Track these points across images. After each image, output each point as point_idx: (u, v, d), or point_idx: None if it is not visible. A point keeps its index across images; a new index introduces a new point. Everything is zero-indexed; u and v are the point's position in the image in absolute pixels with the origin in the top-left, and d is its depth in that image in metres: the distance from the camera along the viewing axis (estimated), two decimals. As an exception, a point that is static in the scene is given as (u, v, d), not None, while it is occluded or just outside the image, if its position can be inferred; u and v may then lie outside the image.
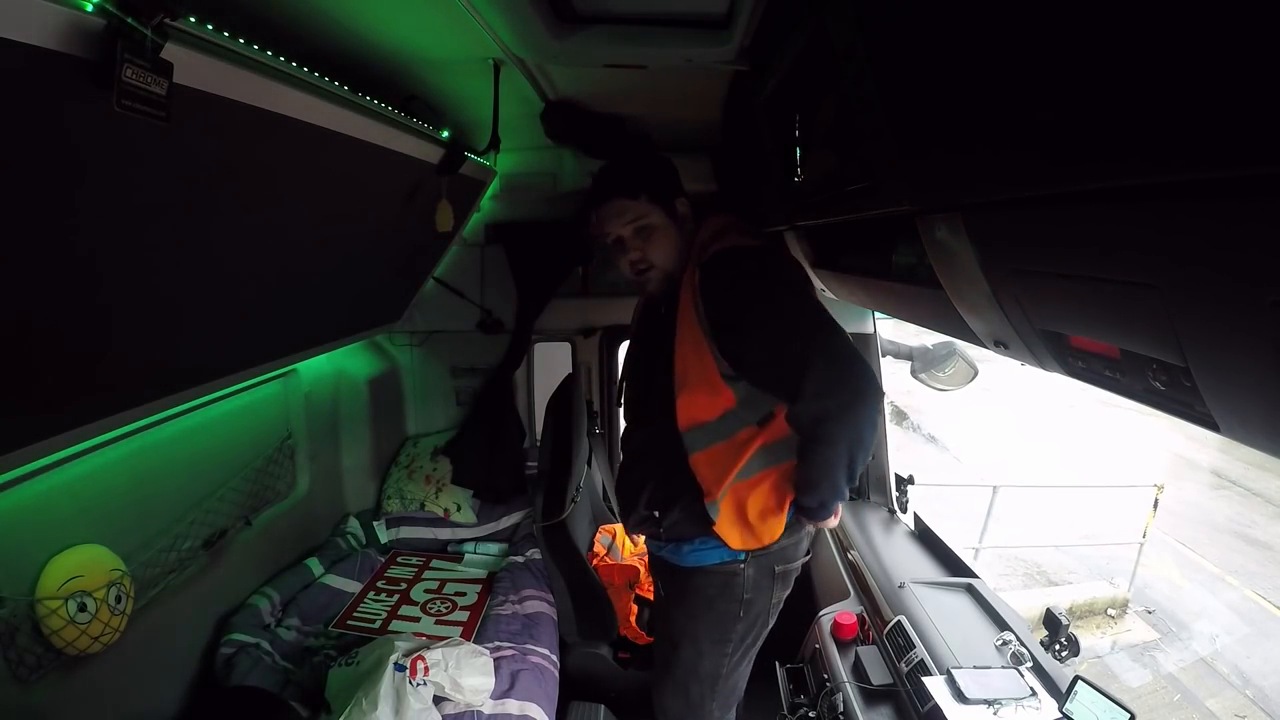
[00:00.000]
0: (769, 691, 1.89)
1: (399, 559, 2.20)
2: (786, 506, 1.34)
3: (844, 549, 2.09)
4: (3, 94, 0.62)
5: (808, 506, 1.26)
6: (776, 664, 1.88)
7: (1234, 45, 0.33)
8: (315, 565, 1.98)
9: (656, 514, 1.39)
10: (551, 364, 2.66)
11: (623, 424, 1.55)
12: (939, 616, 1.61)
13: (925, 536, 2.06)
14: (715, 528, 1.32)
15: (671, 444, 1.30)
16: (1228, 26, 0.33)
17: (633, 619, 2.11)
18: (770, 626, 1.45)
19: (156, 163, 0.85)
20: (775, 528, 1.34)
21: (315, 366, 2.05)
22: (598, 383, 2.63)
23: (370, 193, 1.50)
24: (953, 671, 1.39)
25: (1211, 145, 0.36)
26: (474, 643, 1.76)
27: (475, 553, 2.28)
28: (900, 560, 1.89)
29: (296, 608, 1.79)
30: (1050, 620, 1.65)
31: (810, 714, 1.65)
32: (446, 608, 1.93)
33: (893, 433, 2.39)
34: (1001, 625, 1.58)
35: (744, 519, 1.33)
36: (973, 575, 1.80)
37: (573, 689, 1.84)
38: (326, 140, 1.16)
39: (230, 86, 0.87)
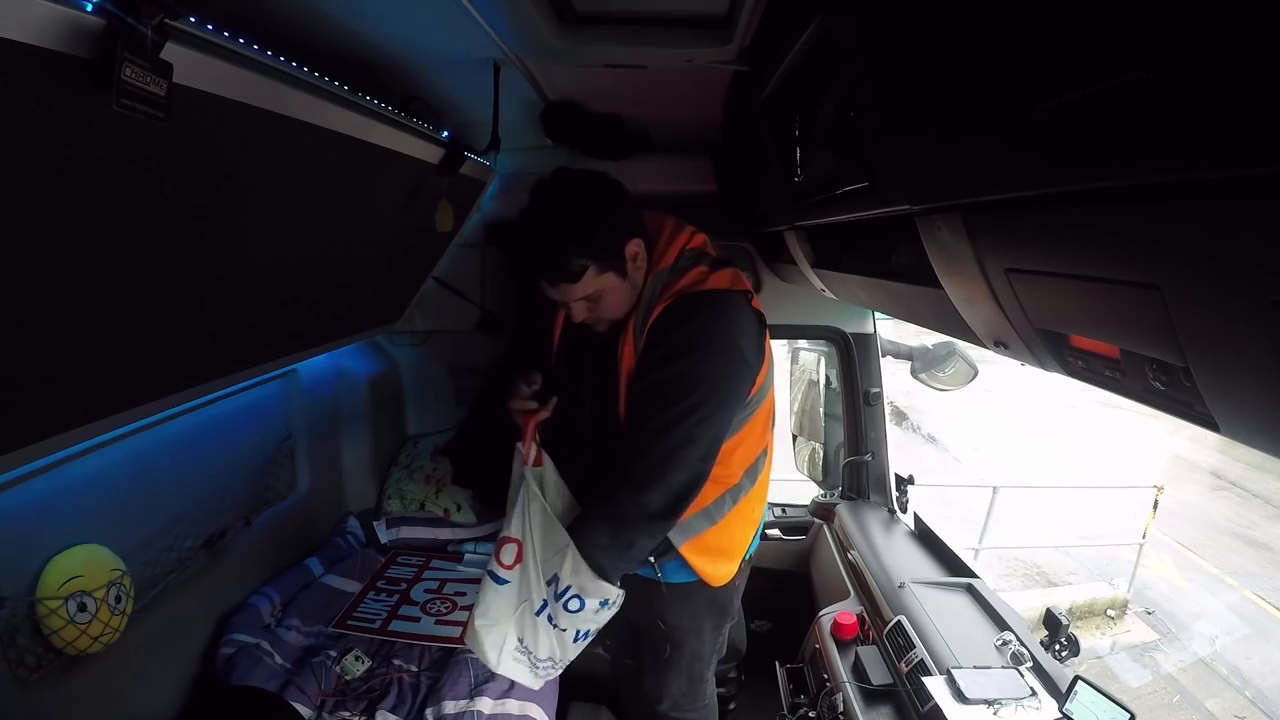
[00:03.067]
0: (769, 691, 1.89)
1: (399, 559, 2.19)
2: (748, 544, 1.45)
3: (844, 549, 2.09)
4: (2, 94, 0.62)
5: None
6: (776, 664, 1.88)
7: (1233, 44, 0.33)
8: (315, 565, 1.98)
9: (651, 558, 1.38)
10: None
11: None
12: (939, 616, 1.61)
13: (925, 536, 2.06)
14: (689, 561, 1.35)
15: None
16: (1227, 26, 0.33)
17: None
18: None
19: (156, 163, 0.85)
20: (734, 566, 1.43)
21: (315, 366, 2.04)
22: None
23: (370, 193, 1.50)
24: (953, 671, 1.39)
25: (1211, 145, 0.36)
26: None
27: (475, 553, 2.28)
28: (900, 560, 1.89)
29: (296, 608, 1.79)
30: (1050, 620, 1.65)
31: (810, 714, 1.65)
32: (446, 608, 1.93)
33: (893, 433, 2.39)
34: (1001, 625, 1.58)
35: (714, 557, 1.38)
36: (973, 575, 1.80)
37: (573, 689, 1.84)
38: (326, 140, 1.15)
39: (230, 86, 0.87)
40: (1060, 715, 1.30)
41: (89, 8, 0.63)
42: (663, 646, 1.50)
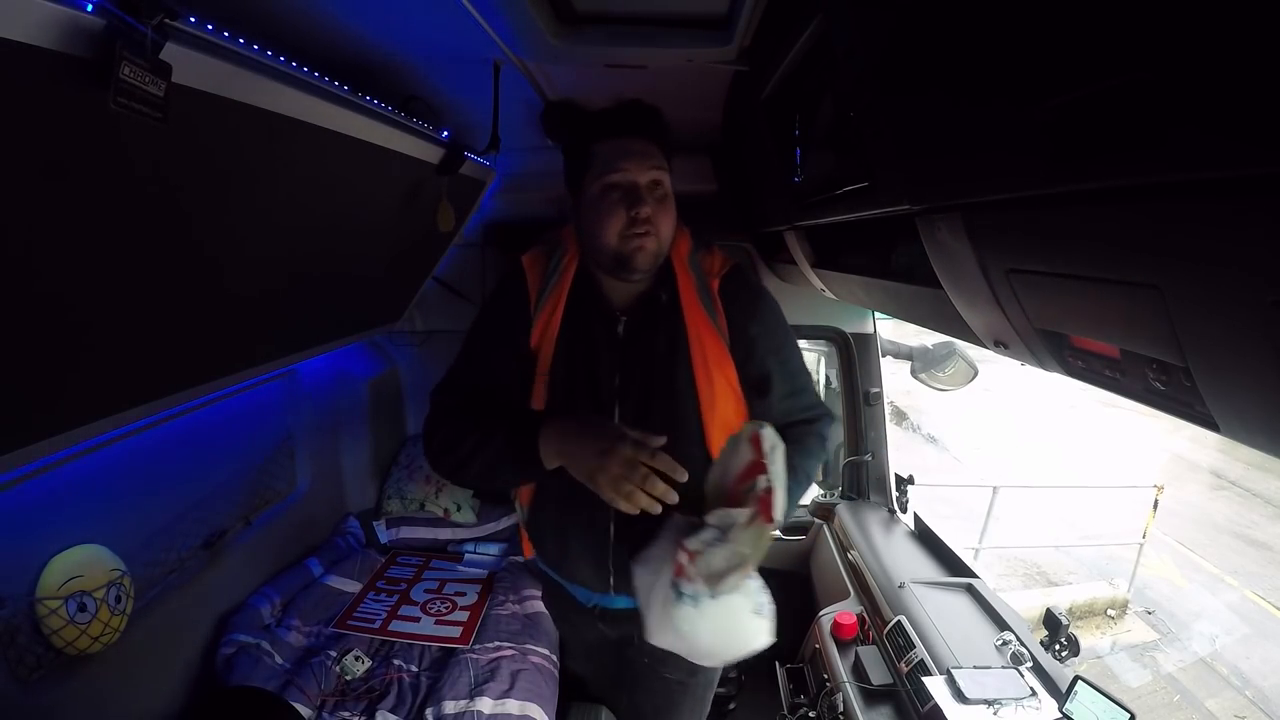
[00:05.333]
0: (769, 691, 1.89)
1: (399, 559, 2.20)
2: None
3: (844, 549, 2.09)
4: (2, 94, 0.62)
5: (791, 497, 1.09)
6: (776, 664, 1.88)
7: (1233, 45, 0.33)
8: (315, 565, 1.98)
9: None
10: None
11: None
12: (939, 616, 1.61)
13: (925, 536, 2.06)
14: None
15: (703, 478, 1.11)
16: (1227, 26, 0.33)
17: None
18: None
19: (156, 163, 0.85)
20: None
21: (315, 366, 2.05)
22: None
23: (370, 193, 1.50)
24: (953, 671, 1.39)
25: (1211, 145, 0.36)
26: (474, 643, 1.77)
27: (475, 553, 2.28)
28: (900, 560, 1.89)
29: (296, 608, 1.79)
30: (1050, 620, 1.65)
31: (810, 714, 1.65)
32: (446, 608, 1.93)
33: (893, 433, 2.39)
34: (1001, 625, 1.58)
35: None
36: (973, 575, 1.80)
37: (573, 689, 1.84)
38: (326, 140, 1.15)
39: (230, 86, 0.87)
40: (1060, 715, 1.30)
41: (89, 8, 0.63)
42: (677, 684, 1.37)
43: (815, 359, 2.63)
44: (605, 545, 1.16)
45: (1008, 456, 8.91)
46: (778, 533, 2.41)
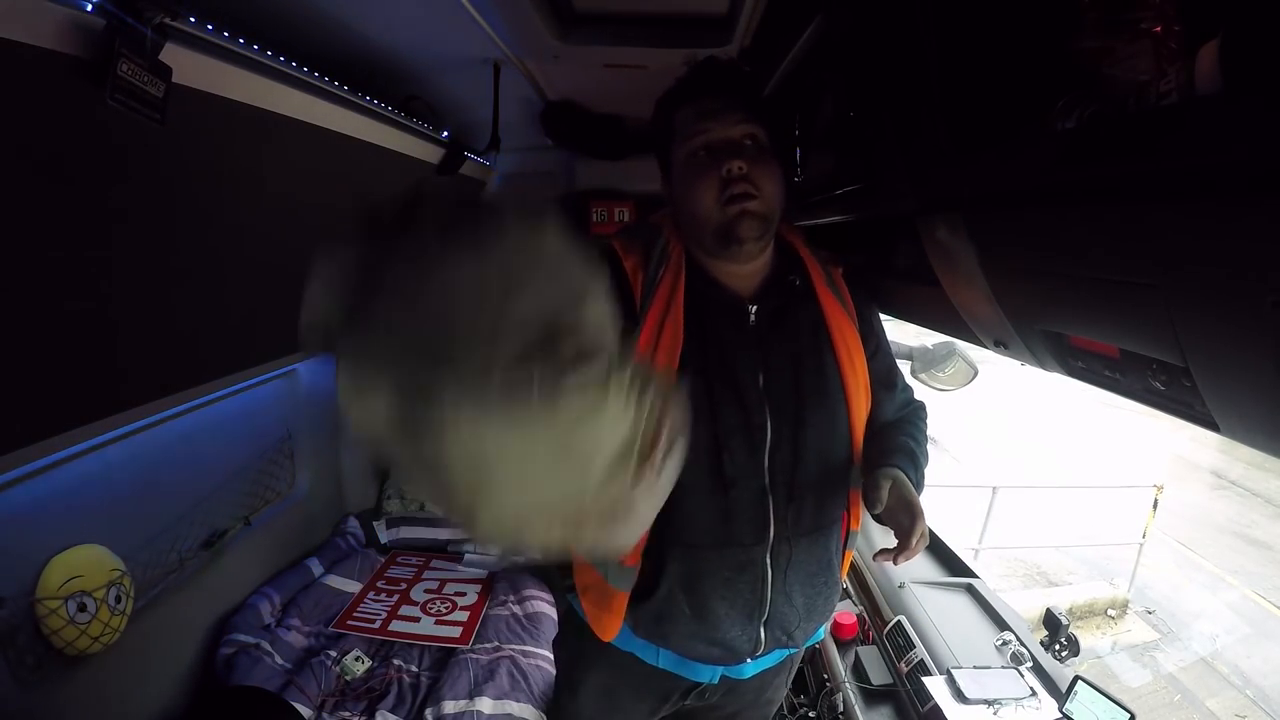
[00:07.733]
0: (769, 691, 1.89)
1: (399, 559, 2.20)
2: None
3: (844, 549, 2.09)
4: (2, 93, 0.62)
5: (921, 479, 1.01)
6: (776, 664, 1.88)
7: (1233, 45, 0.33)
8: (315, 565, 1.98)
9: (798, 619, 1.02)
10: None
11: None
12: (939, 616, 1.61)
13: (925, 536, 2.06)
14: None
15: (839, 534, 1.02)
16: (1227, 28, 0.33)
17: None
18: None
19: (156, 163, 0.86)
20: None
21: (315, 366, 2.04)
22: None
23: (371, 193, 1.50)
24: (953, 671, 1.39)
25: (1211, 145, 0.36)
26: (474, 643, 1.76)
27: (475, 553, 2.28)
28: (900, 560, 1.89)
29: (296, 608, 1.79)
30: (1050, 620, 1.65)
31: (810, 714, 1.65)
32: (446, 608, 1.93)
33: (892, 433, 2.38)
34: (1001, 625, 1.58)
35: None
36: (973, 575, 1.80)
37: None
38: (326, 140, 1.16)
39: (230, 86, 0.87)
40: (1060, 715, 1.30)
41: (89, 7, 0.63)
42: None
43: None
44: (763, 594, 0.96)
45: (1007, 457, 8.91)
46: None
